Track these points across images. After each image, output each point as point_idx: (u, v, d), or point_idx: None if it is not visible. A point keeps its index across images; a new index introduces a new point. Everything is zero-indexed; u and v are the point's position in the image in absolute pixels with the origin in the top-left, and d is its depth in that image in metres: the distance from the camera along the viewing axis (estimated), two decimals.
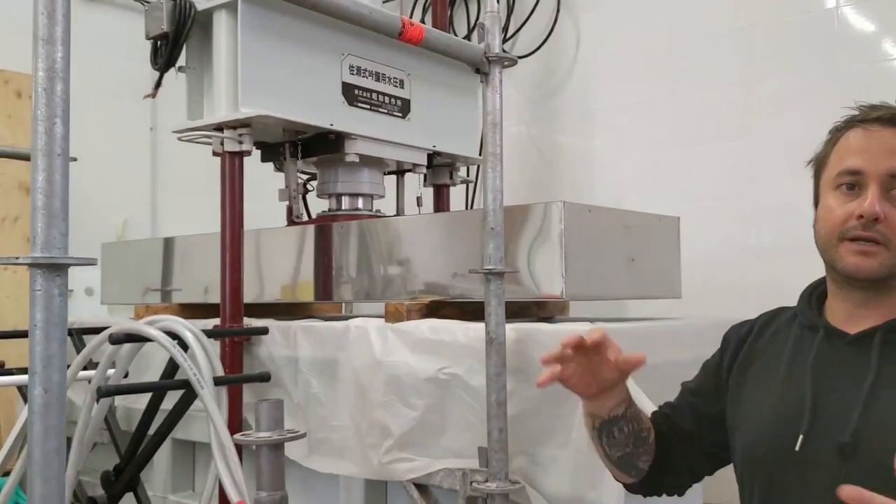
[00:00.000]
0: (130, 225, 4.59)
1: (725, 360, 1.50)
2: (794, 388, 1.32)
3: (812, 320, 1.37)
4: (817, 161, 1.37)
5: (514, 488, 2.03)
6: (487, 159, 2.07)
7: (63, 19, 1.23)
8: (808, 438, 1.26)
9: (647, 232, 2.52)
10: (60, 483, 1.18)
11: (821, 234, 1.31)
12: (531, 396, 2.10)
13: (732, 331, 1.54)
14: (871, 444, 1.20)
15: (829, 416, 1.26)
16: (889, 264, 1.24)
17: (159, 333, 2.05)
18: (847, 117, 1.34)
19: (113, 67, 4.38)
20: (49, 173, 1.20)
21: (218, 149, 2.63)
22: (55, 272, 1.19)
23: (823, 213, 1.31)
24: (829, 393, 1.28)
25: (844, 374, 1.27)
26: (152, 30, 2.62)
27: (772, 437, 1.32)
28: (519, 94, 4.20)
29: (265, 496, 1.43)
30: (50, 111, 1.21)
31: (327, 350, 2.47)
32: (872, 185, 1.24)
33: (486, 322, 2.06)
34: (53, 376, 1.19)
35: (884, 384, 1.23)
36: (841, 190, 1.28)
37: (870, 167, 1.25)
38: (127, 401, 2.79)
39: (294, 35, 2.67)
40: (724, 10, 3.52)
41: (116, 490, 2.23)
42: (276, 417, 1.45)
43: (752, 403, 1.40)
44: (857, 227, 1.24)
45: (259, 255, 2.93)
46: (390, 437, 2.24)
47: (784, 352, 1.38)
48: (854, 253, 1.24)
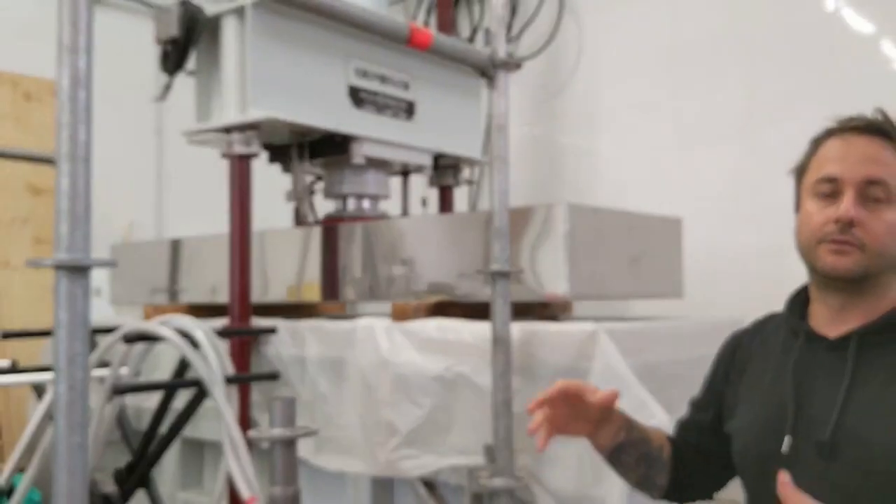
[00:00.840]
0: (136, 227, 4.63)
1: (720, 371, 1.56)
2: (778, 391, 1.37)
3: (795, 325, 1.42)
4: (798, 169, 1.43)
5: (519, 484, 2.06)
6: (494, 162, 2.11)
7: (86, 28, 1.27)
8: (792, 440, 1.31)
9: (650, 233, 2.56)
10: (85, 477, 1.22)
11: (801, 238, 1.36)
12: (536, 395, 2.13)
13: (728, 340, 1.60)
14: (848, 445, 1.25)
15: (810, 418, 1.31)
16: (864, 264, 1.29)
17: (172, 333, 2.09)
18: (825, 128, 1.40)
19: (118, 69, 4.40)
20: (73, 178, 1.24)
21: (227, 151, 2.67)
22: (78, 274, 1.23)
23: (803, 218, 1.36)
24: (810, 395, 1.33)
25: (824, 377, 1.32)
26: (162, 34, 2.66)
27: (760, 439, 1.38)
28: (522, 95, 4.23)
29: (279, 491, 1.47)
30: (74, 117, 1.25)
31: (334, 349, 2.51)
32: (848, 191, 1.29)
33: (492, 322, 2.09)
34: (77, 374, 1.23)
35: (859, 386, 1.28)
36: (820, 196, 1.33)
37: (846, 174, 1.30)
38: (137, 399, 2.83)
39: (301, 39, 2.71)
40: (726, 12, 3.55)
41: (128, 487, 2.27)
42: (290, 415, 1.49)
43: (745, 409, 1.45)
44: (834, 231, 1.29)
45: (266, 256, 2.97)
46: (397, 434, 2.28)
47: (772, 357, 1.43)
48: (831, 252, 1.30)
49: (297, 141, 2.94)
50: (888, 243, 1.29)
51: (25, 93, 4.10)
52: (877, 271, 1.31)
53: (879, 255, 1.29)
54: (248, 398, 2.58)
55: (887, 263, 1.31)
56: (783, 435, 1.32)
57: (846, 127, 1.35)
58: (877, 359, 1.29)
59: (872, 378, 1.28)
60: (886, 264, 1.31)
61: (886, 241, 1.29)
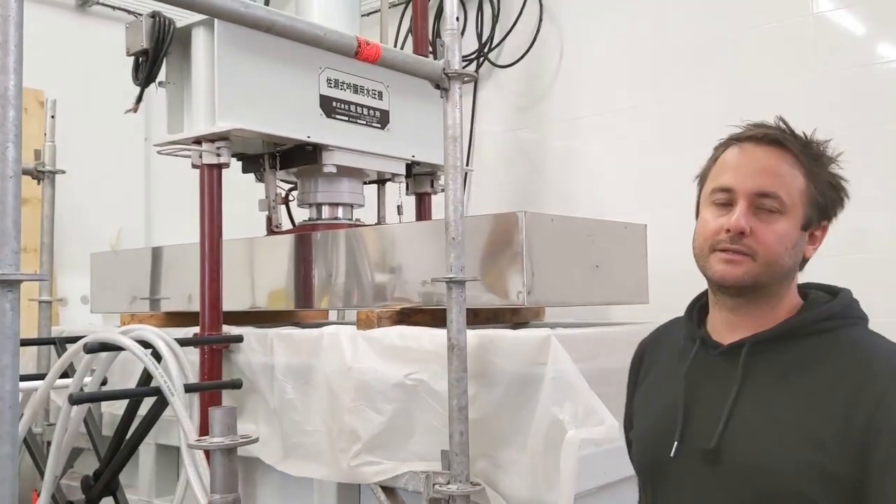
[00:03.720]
0: (125, 234, 4.67)
1: (630, 381, 1.59)
2: (672, 397, 1.39)
3: (692, 331, 1.44)
4: (700, 177, 1.44)
5: (474, 490, 2.09)
6: (447, 172, 2.13)
7: (15, 49, 1.30)
8: (680, 445, 1.33)
9: (613, 239, 2.58)
10: (13, 486, 1.26)
11: (696, 245, 1.38)
12: (492, 401, 2.17)
13: (636, 350, 1.61)
14: (732, 452, 1.27)
15: (698, 425, 1.33)
16: (754, 273, 1.30)
17: (132, 343, 2.12)
18: (728, 136, 1.41)
19: (108, 79, 4.45)
20: (1, 195, 1.27)
21: (197, 161, 2.71)
22: (7, 288, 1.26)
23: (700, 226, 1.38)
24: (699, 402, 1.35)
25: (714, 385, 1.34)
26: (133, 46, 2.71)
27: (652, 444, 1.40)
28: (507, 101, 4.27)
29: (218, 499, 1.50)
30: (3, 136, 1.28)
31: (302, 357, 2.55)
32: (741, 201, 1.31)
33: (447, 329, 2.12)
34: (6, 386, 1.26)
35: (747, 395, 1.30)
36: (716, 205, 1.35)
37: (740, 185, 1.32)
38: (112, 408, 2.87)
39: (271, 50, 2.74)
40: (706, 16, 3.57)
41: (94, 494, 2.30)
42: (229, 423, 1.52)
43: (641, 413, 1.48)
44: (725, 240, 1.31)
45: (240, 264, 3.01)
46: (359, 441, 2.31)
47: (670, 363, 1.45)
48: (722, 261, 1.31)
49: (270, 151, 2.98)
50: (779, 253, 1.30)
51: None
52: (768, 280, 1.32)
53: (770, 265, 1.30)
54: (219, 405, 2.62)
55: (779, 273, 1.32)
56: (673, 438, 1.34)
57: (744, 137, 1.36)
58: (766, 367, 1.31)
59: (760, 387, 1.30)
60: (778, 273, 1.32)
61: (777, 251, 1.30)
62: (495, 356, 2.17)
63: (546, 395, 2.06)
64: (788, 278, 1.36)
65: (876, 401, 1.20)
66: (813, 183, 1.33)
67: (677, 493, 1.35)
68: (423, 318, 2.51)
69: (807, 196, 1.33)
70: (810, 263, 1.38)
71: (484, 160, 4.34)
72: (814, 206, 1.33)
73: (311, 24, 1.79)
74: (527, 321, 2.87)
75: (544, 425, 2.04)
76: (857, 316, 1.35)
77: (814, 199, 1.33)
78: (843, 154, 1.38)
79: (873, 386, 1.21)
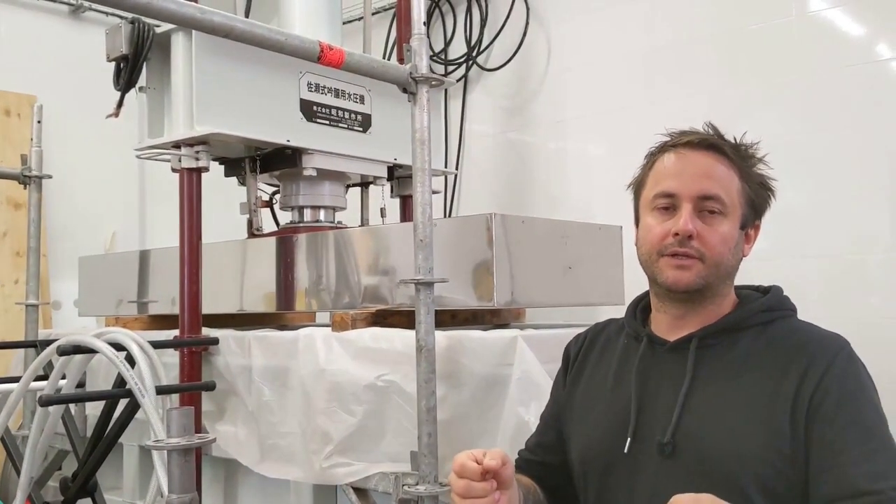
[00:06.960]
0: (120, 238, 4.71)
1: (562, 374, 1.60)
2: (621, 394, 1.41)
3: (637, 330, 1.46)
4: (636, 184, 1.47)
5: (443, 490, 2.09)
6: (416, 175, 2.15)
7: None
8: (634, 440, 1.35)
9: (588, 241, 2.58)
10: None
11: (642, 251, 1.40)
12: (461, 402, 2.18)
13: (570, 343, 1.63)
14: (687, 444, 1.30)
15: (652, 419, 1.35)
16: (704, 275, 1.34)
17: (104, 345, 2.15)
18: (661, 143, 1.43)
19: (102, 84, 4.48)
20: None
21: (176, 165, 2.74)
22: None
23: (644, 232, 1.40)
24: (652, 397, 1.37)
25: (665, 379, 1.37)
26: (112, 52, 2.74)
27: (603, 441, 1.41)
28: (496, 103, 4.28)
29: (175, 498, 1.52)
30: None
31: (278, 359, 2.57)
32: (686, 205, 1.34)
33: (416, 330, 2.13)
34: None
35: (698, 387, 1.33)
36: (658, 210, 1.38)
37: (682, 190, 1.35)
38: (96, 410, 2.90)
39: (251, 55, 2.76)
40: (695, 18, 3.57)
41: (70, 494, 2.32)
42: (185, 424, 1.53)
43: (584, 411, 1.49)
44: (674, 244, 1.34)
45: (227, 267, 3.03)
46: (331, 442, 2.33)
47: (612, 361, 1.47)
48: (672, 267, 1.34)
49: (251, 154, 3.00)
50: (724, 253, 1.35)
51: (5, 108, 4.19)
52: (715, 281, 1.36)
53: (717, 266, 1.35)
54: (199, 407, 2.64)
55: (724, 273, 1.37)
56: (627, 434, 1.36)
57: (680, 142, 1.39)
58: (715, 360, 1.34)
59: (711, 379, 1.33)
60: (723, 273, 1.37)
61: (722, 252, 1.35)
62: (464, 357, 2.18)
63: (512, 396, 2.07)
64: (731, 277, 1.41)
65: (819, 377, 1.25)
66: (747, 183, 1.37)
67: (631, 487, 1.36)
68: (399, 319, 2.53)
69: (743, 196, 1.37)
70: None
71: (474, 162, 4.36)
72: (750, 205, 1.38)
73: (271, 30, 1.80)
74: (507, 322, 2.88)
75: (511, 426, 2.05)
76: (790, 308, 1.41)
77: (749, 198, 1.38)
78: (768, 154, 1.40)
79: (815, 366, 1.27)
